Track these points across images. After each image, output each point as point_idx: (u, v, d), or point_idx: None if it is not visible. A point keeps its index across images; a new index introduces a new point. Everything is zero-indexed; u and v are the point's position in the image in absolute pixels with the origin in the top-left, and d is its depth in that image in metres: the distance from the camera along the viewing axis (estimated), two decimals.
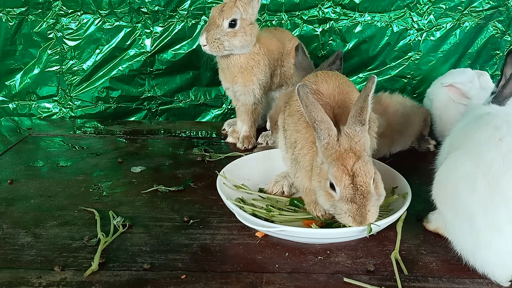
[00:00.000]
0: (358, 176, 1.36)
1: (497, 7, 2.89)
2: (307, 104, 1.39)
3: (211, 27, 2.13)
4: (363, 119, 1.40)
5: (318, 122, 1.40)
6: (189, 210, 1.75)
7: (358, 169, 1.36)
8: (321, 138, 1.41)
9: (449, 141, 1.57)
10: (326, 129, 1.40)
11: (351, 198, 1.36)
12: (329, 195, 1.42)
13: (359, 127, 1.40)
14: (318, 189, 1.46)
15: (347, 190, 1.37)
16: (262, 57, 2.29)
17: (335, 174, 1.37)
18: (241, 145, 2.37)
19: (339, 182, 1.37)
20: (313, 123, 1.40)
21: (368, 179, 1.37)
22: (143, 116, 3.12)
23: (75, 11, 2.88)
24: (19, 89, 2.99)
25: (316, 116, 1.39)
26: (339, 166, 1.36)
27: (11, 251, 1.48)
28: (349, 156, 1.37)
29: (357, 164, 1.36)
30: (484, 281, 1.34)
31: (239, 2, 2.15)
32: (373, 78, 1.41)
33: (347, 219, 1.39)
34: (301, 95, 1.40)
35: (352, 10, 2.92)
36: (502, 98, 1.58)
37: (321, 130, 1.40)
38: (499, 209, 1.25)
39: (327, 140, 1.40)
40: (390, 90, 2.38)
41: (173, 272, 1.38)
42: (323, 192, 1.43)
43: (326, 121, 1.40)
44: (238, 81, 2.30)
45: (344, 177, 1.36)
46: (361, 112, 1.40)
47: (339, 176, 1.36)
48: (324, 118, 1.40)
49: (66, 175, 2.06)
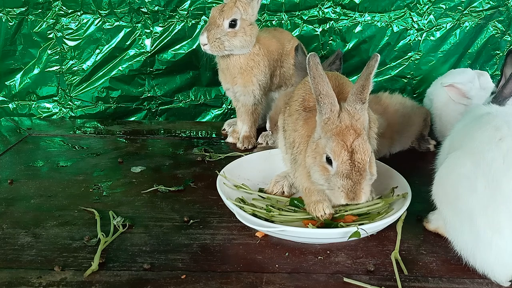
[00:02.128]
0: (356, 153, 1.36)
1: (497, 7, 2.89)
2: (315, 75, 1.38)
3: (212, 27, 2.13)
4: (363, 97, 1.39)
5: (322, 96, 1.39)
6: (189, 210, 1.75)
7: (357, 146, 1.36)
8: (322, 112, 1.40)
9: (449, 141, 1.57)
10: (329, 103, 1.39)
11: (347, 174, 1.36)
12: (324, 169, 1.40)
13: (359, 105, 1.40)
14: (313, 165, 1.44)
15: (344, 166, 1.36)
16: (262, 58, 2.29)
17: (334, 148, 1.36)
18: (241, 145, 2.38)
19: (337, 157, 1.36)
20: (317, 95, 1.39)
21: (366, 157, 1.37)
22: (143, 116, 3.12)
23: (75, 11, 2.88)
24: (19, 89, 2.99)
25: (322, 89, 1.38)
26: (338, 141, 1.36)
27: (11, 251, 1.48)
28: (350, 133, 1.37)
29: (357, 141, 1.36)
30: (484, 281, 1.34)
31: (239, 3, 2.15)
32: (376, 56, 1.41)
33: (339, 194, 1.38)
34: (311, 65, 1.38)
35: (352, 10, 2.92)
36: (502, 98, 1.57)
37: (324, 104, 1.39)
38: (499, 209, 1.25)
39: (328, 115, 1.39)
40: (390, 90, 2.38)
41: (173, 272, 1.38)
42: (318, 168, 1.42)
43: (331, 96, 1.39)
44: (238, 82, 2.30)
45: (343, 153, 1.35)
46: (362, 90, 1.39)
47: (338, 151, 1.35)
48: (329, 92, 1.39)
49: (66, 175, 2.06)
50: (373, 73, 1.39)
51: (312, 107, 1.57)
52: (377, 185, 1.79)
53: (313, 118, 1.52)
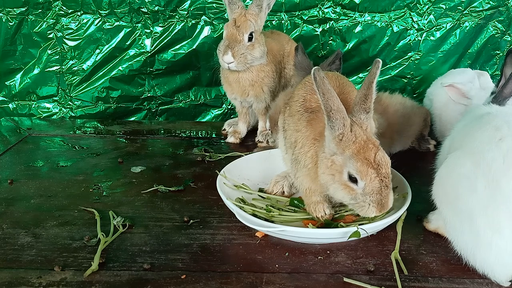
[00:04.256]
0: (381, 167, 1.34)
1: (497, 7, 2.89)
2: (324, 91, 1.35)
3: (234, 44, 2.14)
4: (367, 107, 1.38)
5: (334, 111, 1.35)
6: (189, 210, 1.75)
7: (380, 160, 1.34)
8: (335, 128, 1.37)
9: (449, 141, 1.57)
10: (341, 118, 1.36)
11: (378, 191, 1.35)
12: (349, 188, 1.38)
13: (364, 115, 1.39)
14: (332, 183, 1.42)
15: (373, 183, 1.34)
16: (270, 65, 2.32)
17: (360, 168, 1.33)
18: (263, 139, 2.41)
19: (365, 176, 1.34)
20: (328, 111, 1.36)
21: (389, 169, 1.36)
22: (143, 116, 3.12)
23: (75, 11, 2.88)
24: (19, 89, 2.99)
25: (333, 104, 1.35)
26: (363, 160, 1.33)
27: (11, 251, 1.48)
28: (369, 148, 1.35)
29: (378, 156, 1.35)
30: (484, 281, 1.34)
31: (249, 16, 2.18)
32: (378, 62, 1.39)
33: (371, 210, 1.37)
34: (318, 81, 1.35)
35: (352, 10, 2.92)
36: (502, 98, 1.57)
37: (336, 120, 1.36)
38: (499, 209, 1.25)
39: (342, 130, 1.36)
40: (390, 90, 2.38)
41: (173, 272, 1.38)
42: (340, 186, 1.40)
43: (342, 111, 1.36)
44: (249, 93, 2.34)
45: (370, 171, 1.33)
46: (365, 100, 1.38)
47: (365, 171, 1.33)
48: (340, 107, 1.36)
49: (66, 175, 2.06)
50: (375, 81, 1.37)
51: (314, 108, 1.56)
52: None
53: (316, 120, 1.51)
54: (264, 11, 2.23)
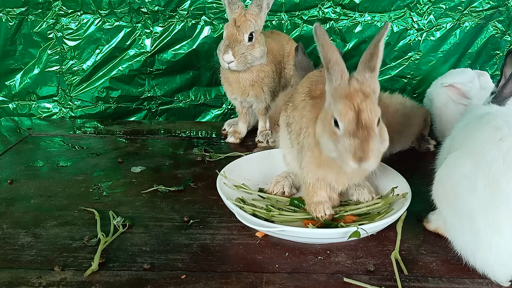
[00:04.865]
0: (363, 112, 1.32)
1: (497, 7, 2.89)
2: (324, 43, 1.35)
3: (234, 44, 2.14)
4: (372, 65, 1.37)
5: (332, 63, 1.36)
6: (189, 210, 1.75)
7: (365, 106, 1.32)
8: (332, 80, 1.37)
9: (449, 141, 1.57)
10: (339, 71, 1.36)
11: (354, 132, 1.31)
12: (332, 133, 1.36)
13: (369, 74, 1.37)
14: (322, 134, 1.41)
15: (351, 125, 1.31)
16: (270, 65, 2.32)
17: (340, 109, 1.32)
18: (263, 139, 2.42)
19: (343, 117, 1.32)
20: (327, 63, 1.36)
21: (373, 116, 1.32)
22: (143, 116, 3.12)
23: (75, 11, 2.88)
24: (19, 89, 2.99)
25: (332, 56, 1.35)
26: (345, 102, 1.32)
27: (11, 251, 1.48)
28: (358, 95, 1.33)
29: (364, 103, 1.32)
30: (484, 281, 1.34)
31: (249, 16, 2.18)
32: (387, 24, 1.40)
33: (347, 156, 1.32)
34: (318, 34, 1.35)
35: (352, 10, 2.92)
36: (502, 98, 1.58)
37: (334, 72, 1.36)
38: (499, 209, 1.25)
39: (339, 82, 1.36)
40: (390, 90, 2.38)
41: (173, 272, 1.38)
42: (328, 135, 1.38)
43: (341, 64, 1.36)
44: (249, 93, 2.35)
45: (349, 112, 1.31)
46: (370, 58, 1.37)
47: (344, 111, 1.32)
48: (339, 60, 1.36)
49: (66, 175, 2.06)
50: (382, 40, 1.36)
51: (319, 95, 1.56)
52: (377, 185, 1.80)
53: (321, 104, 1.49)
54: (264, 11, 2.24)
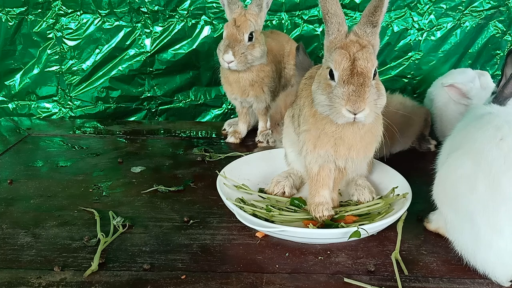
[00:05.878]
0: (359, 60, 1.29)
1: (498, 7, 2.89)
2: None
3: (234, 43, 2.14)
4: (375, 20, 1.34)
5: (330, 14, 1.32)
6: (189, 210, 1.75)
7: (360, 55, 1.29)
8: (329, 33, 1.34)
9: (449, 141, 1.57)
10: (336, 23, 1.33)
11: (348, 80, 1.27)
12: (326, 85, 1.33)
13: (370, 29, 1.35)
14: (317, 88, 1.37)
15: (345, 72, 1.28)
16: (270, 65, 2.32)
17: (335, 58, 1.29)
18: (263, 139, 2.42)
19: (338, 65, 1.29)
20: (325, 14, 1.33)
21: (369, 64, 1.29)
22: (143, 116, 3.12)
23: (75, 11, 2.88)
24: (18, 89, 2.99)
25: (330, 7, 1.32)
26: (341, 51, 1.30)
27: (11, 251, 1.48)
28: (354, 45, 1.31)
29: (360, 52, 1.30)
30: (484, 281, 1.34)
31: (249, 15, 2.18)
32: None
33: (340, 102, 1.28)
34: None
35: (352, 10, 2.91)
36: (502, 98, 1.57)
37: (332, 24, 1.33)
38: (500, 209, 1.25)
39: (336, 35, 1.33)
40: (390, 90, 2.37)
41: (173, 272, 1.38)
42: (321, 88, 1.34)
43: (339, 16, 1.33)
44: (249, 94, 2.34)
45: (344, 61, 1.29)
46: (374, 12, 1.34)
47: (339, 60, 1.29)
48: (337, 11, 1.33)
49: (66, 175, 2.05)
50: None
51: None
52: (377, 185, 1.80)
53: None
54: (263, 11, 2.24)
